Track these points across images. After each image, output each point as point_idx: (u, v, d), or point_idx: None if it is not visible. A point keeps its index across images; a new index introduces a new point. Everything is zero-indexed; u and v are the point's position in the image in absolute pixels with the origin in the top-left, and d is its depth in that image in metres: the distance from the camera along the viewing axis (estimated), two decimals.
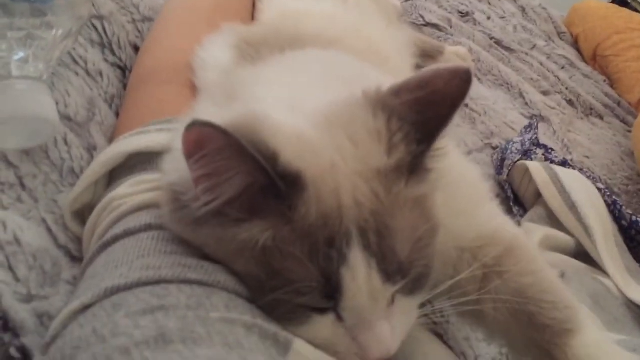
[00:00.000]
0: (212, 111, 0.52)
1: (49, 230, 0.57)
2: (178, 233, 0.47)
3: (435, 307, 0.50)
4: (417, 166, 0.45)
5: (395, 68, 0.81)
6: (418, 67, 1.05)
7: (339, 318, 0.44)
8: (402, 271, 0.44)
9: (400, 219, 0.43)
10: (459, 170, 0.57)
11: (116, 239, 0.48)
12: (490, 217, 0.58)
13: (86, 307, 0.41)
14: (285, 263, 0.41)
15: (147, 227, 0.48)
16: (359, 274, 0.41)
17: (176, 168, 0.46)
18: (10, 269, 0.51)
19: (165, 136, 0.59)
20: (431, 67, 0.44)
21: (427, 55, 1.19)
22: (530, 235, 0.89)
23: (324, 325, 0.44)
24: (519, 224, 0.94)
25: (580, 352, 0.51)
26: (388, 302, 0.44)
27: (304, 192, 0.41)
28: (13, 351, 0.48)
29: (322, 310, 0.43)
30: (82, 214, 0.59)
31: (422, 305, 0.49)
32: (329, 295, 0.42)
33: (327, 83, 0.53)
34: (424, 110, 0.44)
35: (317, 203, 0.41)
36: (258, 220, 0.42)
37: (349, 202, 0.42)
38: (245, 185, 0.41)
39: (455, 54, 1.23)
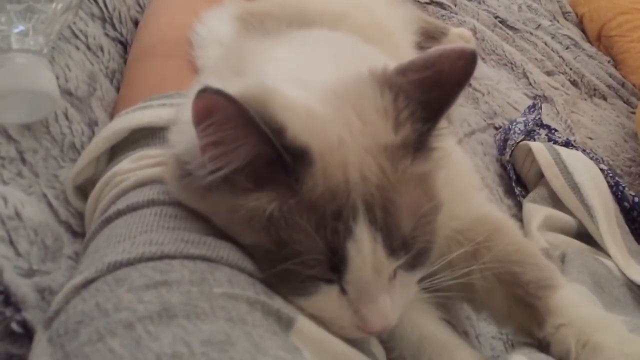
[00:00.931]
0: (219, 84, 0.52)
1: (50, 205, 0.57)
2: (185, 202, 0.47)
3: (429, 280, 0.51)
4: (422, 144, 0.45)
5: (397, 44, 0.80)
6: (419, 46, 1.05)
7: (343, 291, 0.44)
8: (405, 246, 0.44)
9: (405, 195, 0.44)
10: (456, 158, 0.59)
11: (119, 214, 0.48)
12: (482, 202, 0.61)
13: (89, 282, 0.41)
14: (293, 235, 0.42)
15: (150, 203, 0.48)
16: (364, 248, 0.42)
17: (182, 139, 0.46)
18: (12, 243, 0.50)
19: (167, 111, 0.58)
20: (437, 48, 0.45)
21: (430, 36, 1.17)
22: (532, 215, 0.89)
23: (328, 297, 0.44)
24: (520, 204, 0.95)
25: (560, 302, 0.53)
26: (390, 276, 0.45)
27: (311, 165, 0.41)
28: (14, 325, 0.48)
29: (328, 281, 0.44)
30: (84, 189, 0.59)
31: (418, 281, 0.50)
32: (335, 268, 0.43)
33: (335, 63, 0.53)
34: (430, 90, 0.45)
35: (324, 177, 0.42)
36: (265, 191, 0.42)
37: (356, 177, 0.42)
38: (251, 156, 0.41)
39: (459, 36, 1.21)
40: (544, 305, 0.53)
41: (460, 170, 0.60)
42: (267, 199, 0.42)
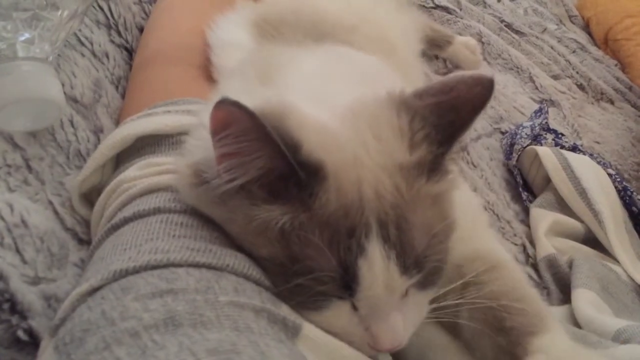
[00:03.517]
0: (242, 91, 0.53)
1: (56, 212, 0.57)
2: (201, 209, 0.47)
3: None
4: (437, 166, 0.46)
5: (402, 58, 0.81)
6: (424, 54, 1.04)
7: (354, 307, 0.44)
8: (418, 265, 0.44)
9: (419, 214, 0.44)
10: (463, 195, 0.58)
11: (125, 221, 0.48)
12: (487, 240, 0.60)
13: (95, 290, 0.41)
14: (305, 250, 0.42)
15: (156, 211, 0.48)
16: (376, 266, 0.42)
17: (200, 146, 0.47)
18: (18, 251, 0.50)
19: (172, 118, 0.58)
20: (455, 74, 0.46)
21: (435, 44, 1.17)
22: (539, 221, 0.89)
23: (339, 313, 0.44)
24: (527, 209, 0.94)
25: (539, 345, 0.50)
26: (402, 294, 0.45)
27: (325, 182, 0.42)
28: (20, 333, 0.48)
29: (340, 297, 0.44)
30: (90, 197, 0.59)
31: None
32: (347, 285, 0.42)
33: (356, 82, 0.55)
34: (446, 114, 0.45)
35: (337, 193, 0.42)
36: (278, 203, 0.42)
37: (371, 195, 0.43)
38: (266, 169, 0.42)
39: (464, 45, 1.21)
40: (523, 351, 0.50)
41: (467, 208, 0.59)
42: (280, 212, 0.42)
